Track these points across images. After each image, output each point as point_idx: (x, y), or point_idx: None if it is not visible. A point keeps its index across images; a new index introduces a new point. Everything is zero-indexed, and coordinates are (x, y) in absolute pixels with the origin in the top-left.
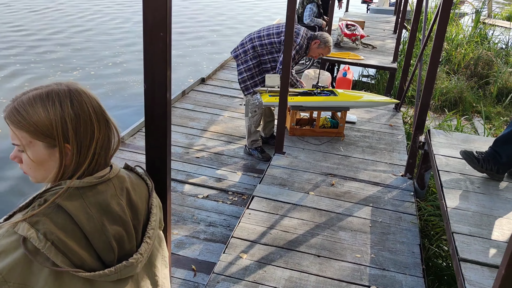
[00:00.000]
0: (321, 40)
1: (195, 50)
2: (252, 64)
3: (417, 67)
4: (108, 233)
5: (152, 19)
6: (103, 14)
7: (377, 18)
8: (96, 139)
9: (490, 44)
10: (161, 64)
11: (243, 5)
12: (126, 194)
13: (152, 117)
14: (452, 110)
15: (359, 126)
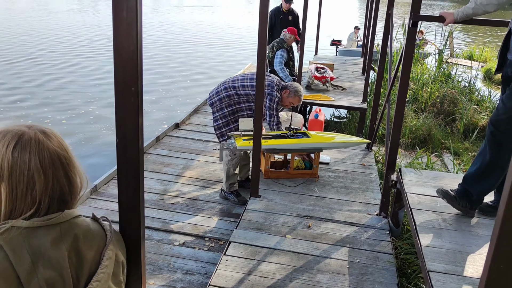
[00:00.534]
0: (291, 90)
1: (168, 95)
2: (227, 111)
3: (385, 107)
4: (40, 276)
5: (123, 74)
6: (76, 62)
7: (345, 60)
8: (39, 187)
9: (454, 82)
10: (133, 118)
11: (213, 51)
12: (72, 241)
13: (124, 169)
14: (422, 148)
15: (333, 166)
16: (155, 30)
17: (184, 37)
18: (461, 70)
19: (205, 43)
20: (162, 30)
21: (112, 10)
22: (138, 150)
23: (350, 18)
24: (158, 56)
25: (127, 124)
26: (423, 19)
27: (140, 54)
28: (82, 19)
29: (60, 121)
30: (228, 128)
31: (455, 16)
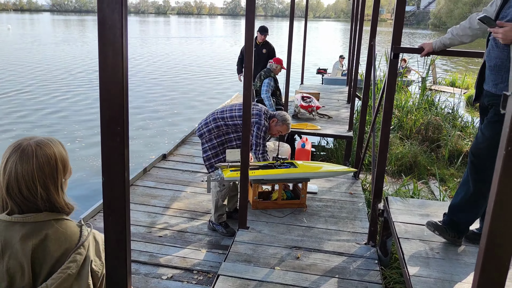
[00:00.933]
0: (279, 118)
1: (155, 126)
2: (216, 142)
3: (371, 135)
4: (4, 264)
5: (109, 114)
6: (62, 92)
7: (331, 89)
8: (12, 192)
9: (438, 109)
10: (118, 158)
11: (200, 81)
12: (42, 239)
13: (110, 208)
14: (408, 174)
15: (321, 195)
16: (142, 61)
17: (170, 68)
18: (444, 97)
19: (192, 73)
20: (149, 61)
21: (98, 53)
22: (124, 189)
23: (335, 47)
24: (146, 87)
25: (113, 163)
26: (404, 51)
27: (126, 95)
28: (71, 50)
29: None
30: (217, 159)
31: (433, 46)
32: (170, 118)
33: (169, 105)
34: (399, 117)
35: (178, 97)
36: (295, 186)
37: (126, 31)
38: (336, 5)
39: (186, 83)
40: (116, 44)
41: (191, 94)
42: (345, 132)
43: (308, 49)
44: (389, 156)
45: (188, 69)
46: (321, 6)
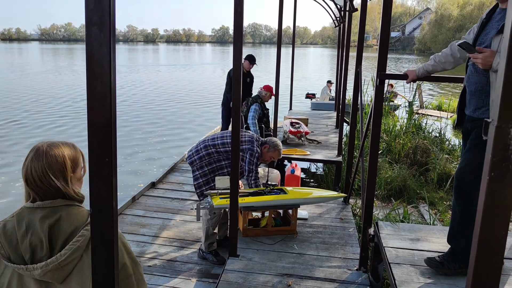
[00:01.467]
0: (270, 145)
1: (144, 154)
2: (207, 169)
3: (359, 160)
4: (28, 240)
5: (97, 146)
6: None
7: (319, 114)
8: (30, 182)
9: (425, 133)
10: (107, 189)
11: (189, 109)
12: (57, 219)
13: (98, 240)
14: (398, 199)
15: (311, 221)
16: (130, 88)
17: (159, 95)
18: (431, 120)
19: (181, 101)
20: (137, 88)
21: (86, 84)
22: (113, 221)
23: (323, 73)
24: (133, 114)
25: (101, 195)
26: (389, 78)
27: (114, 127)
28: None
29: None
30: (208, 186)
31: (417, 73)
32: (159, 145)
33: (158, 132)
34: (387, 141)
35: (166, 124)
36: (285, 212)
37: (114, 64)
38: (322, 32)
39: (174, 110)
40: (104, 77)
41: (180, 121)
42: (334, 157)
43: (297, 75)
44: (378, 181)
45: (177, 97)
46: (308, 32)
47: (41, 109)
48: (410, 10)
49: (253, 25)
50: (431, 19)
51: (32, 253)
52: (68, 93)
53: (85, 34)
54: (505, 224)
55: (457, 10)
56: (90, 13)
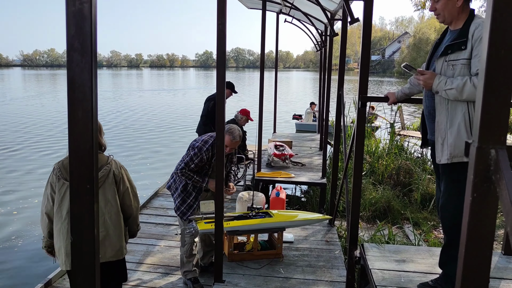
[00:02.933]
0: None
1: None
2: (180, 189)
3: (344, 181)
4: None
5: (78, 172)
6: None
7: (303, 137)
8: None
9: (408, 154)
10: (88, 216)
11: (172, 134)
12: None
13: (79, 268)
14: (382, 220)
15: (297, 244)
16: (113, 113)
17: (142, 120)
18: (413, 141)
19: (164, 126)
20: (119, 114)
21: (67, 111)
22: (94, 249)
23: (307, 95)
24: (117, 139)
25: (82, 222)
26: (370, 100)
27: (96, 153)
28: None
29: (11, 213)
30: (185, 204)
31: (396, 95)
32: (142, 171)
33: (141, 157)
34: (370, 163)
35: (149, 149)
36: (271, 235)
37: (96, 90)
38: (305, 56)
39: (158, 135)
40: (85, 103)
41: (163, 146)
42: (319, 179)
43: (282, 98)
44: (362, 202)
45: (160, 122)
46: (291, 56)
47: (19, 135)
48: (389, 34)
49: (236, 49)
50: (410, 42)
51: None
52: (50, 118)
53: (66, 60)
54: (489, 244)
55: (434, 34)
56: (72, 39)
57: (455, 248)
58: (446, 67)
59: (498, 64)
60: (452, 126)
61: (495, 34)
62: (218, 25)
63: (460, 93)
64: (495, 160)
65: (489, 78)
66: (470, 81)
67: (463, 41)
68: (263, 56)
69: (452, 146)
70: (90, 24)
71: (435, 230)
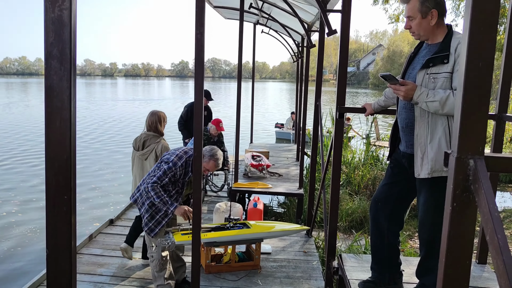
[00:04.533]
0: (205, 154)
1: (101, 190)
2: (147, 205)
3: (321, 192)
4: (137, 142)
5: (55, 183)
6: (6, 162)
7: (280, 147)
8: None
9: (383, 164)
10: (65, 228)
11: None
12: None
13: (55, 278)
14: (359, 230)
15: (275, 255)
16: (88, 123)
17: (116, 130)
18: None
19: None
20: (93, 123)
21: (44, 120)
22: (71, 260)
23: (285, 106)
24: (91, 149)
25: (59, 234)
26: (348, 111)
27: (74, 163)
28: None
29: None
30: (154, 220)
31: (373, 107)
32: (116, 181)
33: (115, 168)
34: (347, 173)
35: (124, 159)
36: (249, 247)
37: (75, 98)
38: (281, 66)
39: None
40: (64, 112)
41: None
42: (296, 189)
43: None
44: (340, 212)
45: (135, 131)
46: (267, 67)
47: None
48: (364, 46)
49: (212, 59)
50: (384, 55)
51: (138, 147)
52: (24, 127)
53: (44, 67)
54: (468, 253)
55: (407, 47)
56: (50, 47)
57: (433, 259)
58: (428, 80)
59: (477, 76)
60: (432, 140)
61: (473, 47)
62: (197, 34)
63: (442, 106)
64: (474, 170)
65: (468, 90)
66: (453, 95)
67: (445, 54)
68: (241, 66)
69: (433, 160)
70: (69, 31)
71: (411, 240)
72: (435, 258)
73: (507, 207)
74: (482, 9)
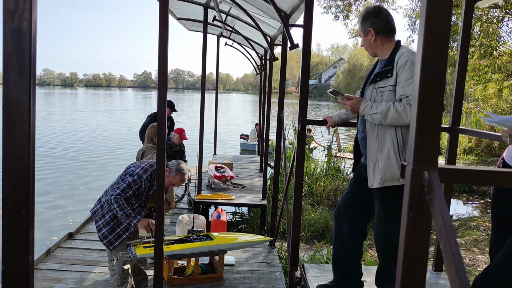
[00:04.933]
0: (171, 168)
1: (60, 202)
2: (109, 217)
3: (284, 203)
4: None
5: (12, 198)
6: None
7: (243, 159)
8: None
9: (344, 175)
10: (22, 243)
11: (108, 156)
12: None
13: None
14: (321, 240)
15: (238, 267)
16: (46, 134)
17: (75, 141)
18: (349, 163)
19: (100, 147)
20: (52, 134)
21: (2, 133)
22: (28, 277)
23: (249, 117)
24: (49, 160)
25: (16, 251)
26: (310, 123)
27: (33, 176)
28: None
29: None
30: (115, 233)
31: (334, 119)
32: (76, 194)
33: (75, 181)
34: (309, 184)
35: (83, 172)
36: (212, 259)
37: (34, 110)
38: (244, 78)
39: (93, 157)
40: (22, 124)
41: (99, 169)
42: (259, 200)
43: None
44: (302, 223)
45: (95, 143)
46: (231, 79)
47: None
48: (326, 60)
49: (176, 70)
50: (345, 68)
51: (137, 158)
52: None
53: (2, 79)
54: (424, 261)
55: (367, 61)
56: (9, 57)
57: (390, 266)
58: (375, 94)
59: (430, 90)
60: (382, 151)
61: (426, 63)
62: (160, 46)
63: (384, 118)
64: (428, 182)
65: (422, 105)
66: (393, 107)
67: (389, 69)
68: (204, 77)
69: (383, 170)
70: (29, 42)
71: (371, 249)
72: (392, 266)
73: (462, 215)
74: (435, 26)
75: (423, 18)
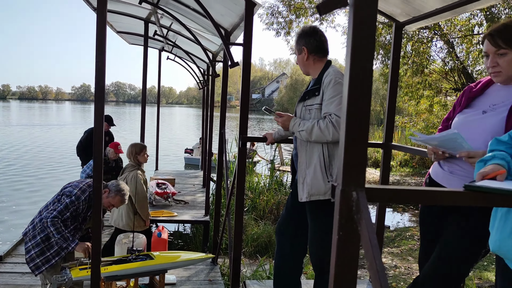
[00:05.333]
0: (111, 189)
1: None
2: (40, 238)
3: (226, 218)
4: None
5: None
6: None
7: (186, 174)
8: None
9: (287, 189)
10: None
11: (43, 174)
12: None
13: None
14: (264, 254)
15: (179, 286)
16: None
17: (6, 159)
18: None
19: (34, 164)
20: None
21: None
22: None
23: (192, 131)
24: None
25: None
26: (250, 140)
27: None
28: None
29: None
30: (43, 257)
31: (274, 136)
32: (7, 215)
33: (4, 200)
34: (252, 198)
35: (13, 191)
36: (152, 279)
37: None
38: (188, 92)
39: (27, 175)
40: None
41: (34, 187)
42: (202, 217)
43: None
44: (245, 238)
45: (29, 160)
46: (174, 92)
47: None
48: (269, 74)
49: (116, 83)
50: (287, 83)
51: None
52: None
53: None
54: (353, 277)
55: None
56: None
57: (322, 279)
58: (304, 111)
59: (357, 112)
60: (309, 167)
61: (354, 84)
62: (97, 62)
63: (310, 135)
64: (356, 201)
65: (350, 126)
66: (317, 124)
67: (316, 87)
68: (145, 91)
69: (310, 185)
70: None
71: None
72: (324, 278)
73: (398, 226)
74: (360, 43)
75: (350, 36)
